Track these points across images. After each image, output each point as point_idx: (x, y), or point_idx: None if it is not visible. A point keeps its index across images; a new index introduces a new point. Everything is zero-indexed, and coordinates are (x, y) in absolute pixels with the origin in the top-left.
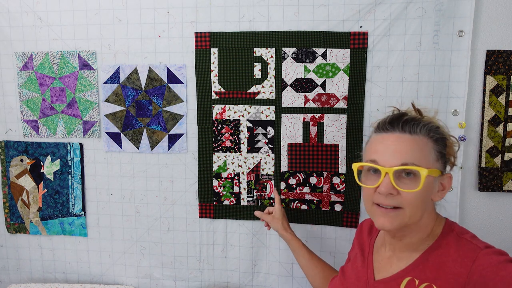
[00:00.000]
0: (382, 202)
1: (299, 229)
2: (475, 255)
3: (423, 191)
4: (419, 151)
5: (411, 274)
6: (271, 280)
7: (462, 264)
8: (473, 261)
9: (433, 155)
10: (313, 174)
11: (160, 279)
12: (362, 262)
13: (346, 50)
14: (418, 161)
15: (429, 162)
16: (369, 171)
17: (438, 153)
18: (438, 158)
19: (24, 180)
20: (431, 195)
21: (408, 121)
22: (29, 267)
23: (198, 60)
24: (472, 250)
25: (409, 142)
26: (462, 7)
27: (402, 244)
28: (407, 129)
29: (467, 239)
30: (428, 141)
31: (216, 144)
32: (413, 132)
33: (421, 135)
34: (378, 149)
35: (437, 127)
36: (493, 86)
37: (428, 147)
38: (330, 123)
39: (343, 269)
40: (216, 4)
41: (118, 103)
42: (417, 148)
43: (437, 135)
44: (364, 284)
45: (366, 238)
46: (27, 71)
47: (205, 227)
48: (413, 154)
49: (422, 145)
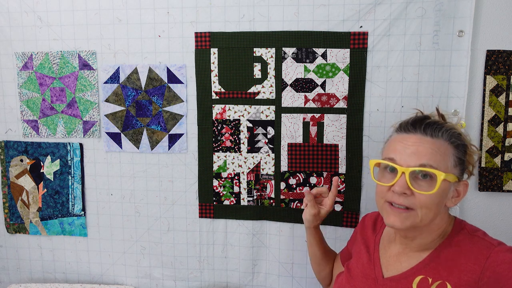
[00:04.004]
0: (395, 201)
1: (299, 229)
2: (489, 252)
3: (438, 194)
4: (438, 155)
5: (422, 272)
6: (271, 280)
7: (476, 261)
8: (486, 257)
9: (452, 161)
10: (313, 174)
11: (160, 279)
12: (368, 259)
13: (346, 50)
14: (436, 165)
15: (447, 167)
16: (386, 169)
17: (457, 159)
18: (456, 164)
19: (24, 180)
20: (445, 200)
21: (430, 124)
22: (29, 267)
23: (198, 60)
24: (485, 247)
25: (430, 145)
26: (462, 7)
27: (414, 244)
28: (429, 132)
29: (479, 237)
30: (448, 146)
31: (216, 144)
32: (434, 135)
33: (442, 139)
34: (398, 148)
35: (459, 134)
36: (493, 86)
37: (448, 152)
38: (330, 123)
39: (348, 266)
40: (216, 4)
41: (118, 103)
42: (437, 151)
43: (458, 141)
44: (373, 282)
45: (371, 235)
46: (27, 71)
47: (205, 227)
48: (432, 157)
49: (443, 150)
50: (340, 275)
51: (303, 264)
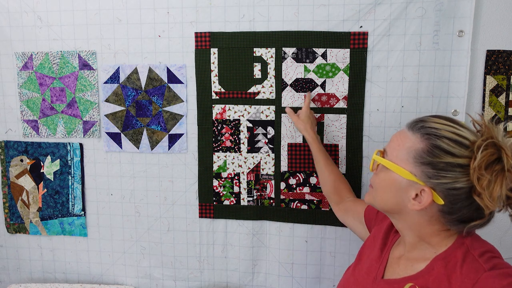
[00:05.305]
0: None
1: (299, 229)
2: (477, 277)
3: (384, 180)
4: (401, 146)
5: (414, 281)
6: (271, 280)
7: (462, 285)
8: (473, 283)
9: (411, 156)
10: (313, 174)
11: (160, 279)
12: (378, 256)
13: (346, 50)
14: (392, 153)
15: (403, 160)
16: None
17: (419, 157)
18: (418, 163)
19: (24, 180)
20: (401, 195)
21: (417, 121)
22: (29, 267)
23: (198, 60)
24: (474, 271)
25: (402, 137)
26: (462, 7)
27: (411, 256)
28: (411, 127)
29: (474, 256)
30: (420, 142)
31: (216, 144)
32: (414, 130)
33: (418, 134)
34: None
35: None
36: (493, 86)
37: (414, 147)
38: (330, 123)
39: (360, 256)
40: (216, 4)
41: (118, 103)
42: (403, 143)
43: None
44: (372, 280)
45: (393, 232)
46: (27, 71)
47: (205, 227)
48: (395, 146)
49: (410, 143)
50: (351, 265)
51: (303, 264)
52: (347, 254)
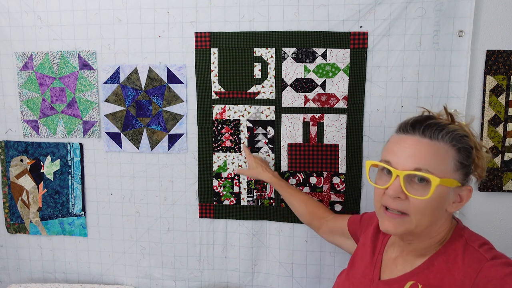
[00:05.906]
0: (389, 205)
1: (299, 229)
2: (480, 267)
3: (434, 200)
4: (436, 158)
5: (415, 278)
6: (271, 280)
7: (466, 275)
8: (477, 273)
9: (451, 165)
10: (313, 174)
11: (160, 279)
12: (371, 259)
13: (346, 50)
14: (433, 169)
15: (446, 171)
16: (383, 171)
17: (458, 163)
18: (458, 168)
19: (24, 180)
20: (444, 205)
21: (430, 126)
22: (29, 267)
23: (198, 60)
24: (477, 261)
25: (427, 148)
26: (462, 7)
27: (411, 247)
28: (428, 134)
29: (474, 248)
30: (449, 149)
31: (216, 144)
32: (433, 137)
33: (442, 142)
34: (394, 150)
35: (462, 136)
36: (493, 86)
37: (447, 155)
38: (330, 123)
39: (352, 261)
40: (216, 4)
41: (118, 103)
42: (435, 155)
43: (460, 145)
44: (369, 282)
45: (381, 235)
46: (27, 71)
47: (205, 227)
48: (429, 161)
49: (442, 153)
50: (343, 271)
51: (303, 264)
52: (347, 254)
